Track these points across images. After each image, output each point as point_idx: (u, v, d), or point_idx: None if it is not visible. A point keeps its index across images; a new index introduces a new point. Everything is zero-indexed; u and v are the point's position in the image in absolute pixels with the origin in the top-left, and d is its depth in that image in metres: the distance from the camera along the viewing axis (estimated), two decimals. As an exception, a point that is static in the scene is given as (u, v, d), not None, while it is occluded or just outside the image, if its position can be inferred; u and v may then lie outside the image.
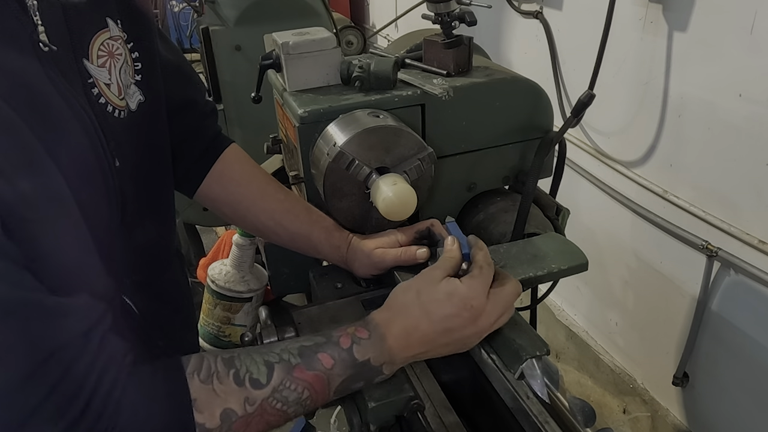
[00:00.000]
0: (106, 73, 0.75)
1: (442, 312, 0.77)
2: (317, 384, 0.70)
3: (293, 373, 0.69)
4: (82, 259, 0.66)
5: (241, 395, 0.66)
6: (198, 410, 0.63)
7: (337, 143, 0.99)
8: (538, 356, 0.83)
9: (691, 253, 1.76)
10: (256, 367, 0.68)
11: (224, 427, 0.65)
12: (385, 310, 0.79)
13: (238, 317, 1.37)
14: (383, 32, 3.64)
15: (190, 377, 0.64)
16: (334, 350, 0.72)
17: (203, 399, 0.64)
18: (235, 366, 0.67)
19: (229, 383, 0.66)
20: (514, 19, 2.37)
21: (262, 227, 1.07)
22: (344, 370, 0.72)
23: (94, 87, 0.73)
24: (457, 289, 0.78)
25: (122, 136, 0.77)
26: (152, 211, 0.87)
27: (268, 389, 0.67)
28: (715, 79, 1.58)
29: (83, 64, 0.71)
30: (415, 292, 0.79)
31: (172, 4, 3.11)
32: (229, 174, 1.06)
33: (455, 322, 0.77)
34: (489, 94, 1.14)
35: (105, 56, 0.75)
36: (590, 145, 2.11)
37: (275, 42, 1.13)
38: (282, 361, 0.69)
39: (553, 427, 0.79)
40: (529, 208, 1.14)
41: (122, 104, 0.77)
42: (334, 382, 0.71)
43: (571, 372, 2.47)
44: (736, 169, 1.58)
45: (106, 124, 0.73)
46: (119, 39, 0.78)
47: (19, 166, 0.56)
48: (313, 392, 0.70)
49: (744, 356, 1.69)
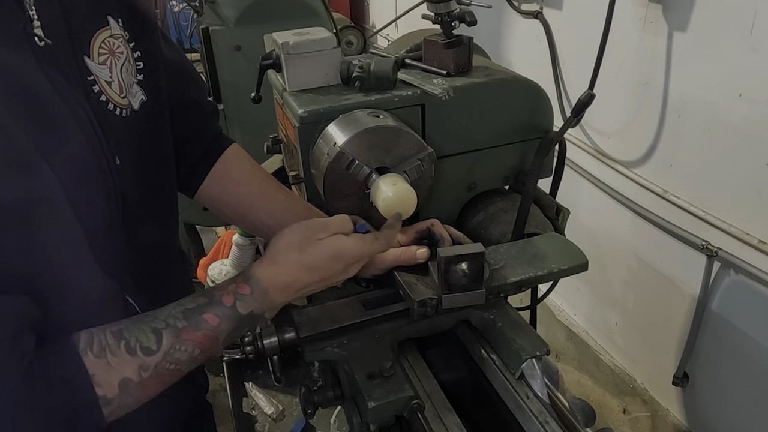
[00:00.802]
0: (107, 70, 0.74)
1: (325, 270, 0.82)
2: (205, 341, 0.73)
3: (181, 336, 0.72)
4: (73, 261, 0.66)
5: (135, 363, 0.68)
6: (97, 384, 0.65)
7: (337, 143, 0.99)
8: (538, 356, 0.83)
9: (691, 253, 1.76)
10: (144, 335, 0.70)
11: (123, 395, 0.68)
12: (268, 264, 0.81)
13: (238, 317, 1.36)
14: (383, 32, 3.64)
15: (84, 354, 0.66)
16: (218, 309, 0.75)
17: (100, 373, 0.66)
18: (125, 337, 0.69)
19: (121, 354, 0.68)
20: (514, 19, 2.37)
21: (262, 227, 1.07)
22: (229, 325, 0.75)
23: (95, 84, 0.72)
24: (343, 249, 0.82)
25: (123, 134, 0.76)
26: (155, 211, 0.87)
27: (160, 354, 0.70)
28: (715, 79, 1.58)
29: (84, 61, 0.71)
30: (298, 248, 0.81)
31: (172, 4, 3.11)
32: (229, 174, 1.06)
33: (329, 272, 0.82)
34: (489, 94, 1.14)
35: (106, 54, 0.74)
36: (590, 145, 2.11)
37: (275, 42, 1.13)
38: (168, 326, 0.71)
39: (553, 427, 0.79)
40: (529, 208, 1.14)
41: (124, 102, 0.77)
42: (221, 336, 0.75)
43: (571, 372, 2.47)
44: (736, 169, 1.58)
45: (105, 122, 0.73)
46: (120, 38, 0.78)
47: (7, 168, 0.56)
48: (203, 348, 0.74)
49: (744, 356, 1.69)
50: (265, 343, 0.88)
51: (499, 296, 0.96)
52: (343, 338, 0.90)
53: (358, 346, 0.89)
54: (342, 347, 0.89)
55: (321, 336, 0.90)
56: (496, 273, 0.96)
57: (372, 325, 0.93)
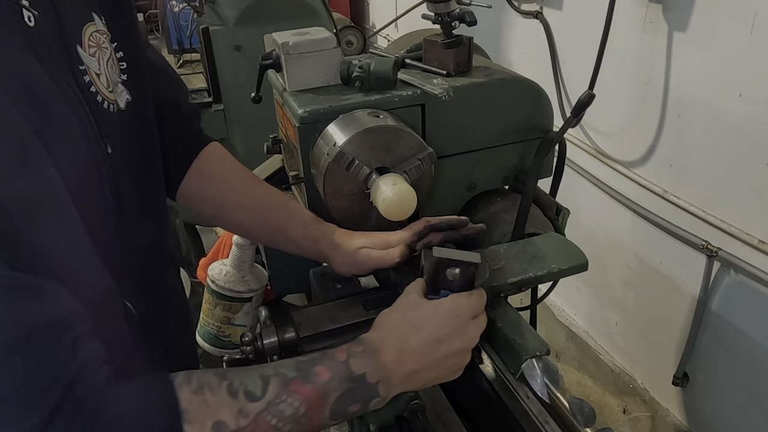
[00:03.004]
0: (97, 63, 0.73)
1: (431, 323, 0.77)
2: (314, 398, 0.68)
3: (290, 386, 0.67)
4: (81, 259, 0.65)
5: (234, 407, 0.63)
6: (188, 421, 0.60)
7: (337, 143, 0.99)
8: (538, 356, 0.83)
9: (691, 253, 1.76)
10: (250, 379, 0.65)
11: None
12: (375, 330, 0.79)
13: (238, 317, 1.36)
14: (383, 32, 3.64)
15: (180, 387, 0.62)
16: (331, 363, 0.71)
17: (194, 410, 0.61)
18: (228, 378, 0.65)
19: (221, 394, 0.63)
20: (514, 19, 2.37)
21: (240, 224, 1.06)
22: (341, 384, 0.70)
23: (86, 74, 0.70)
24: (442, 302, 0.79)
25: (112, 127, 0.75)
26: (147, 210, 0.86)
27: (263, 402, 0.65)
28: (715, 79, 1.58)
29: (76, 50, 0.69)
30: (399, 311, 0.79)
31: (172, 4, 3.11)
32: (208, 172, 1.04)
33: (444, 331, 0.76)
34: (489, 94, 1.14)
35: (95, 47, 0.73)
36: (590, 145, 2.11)
37: (275, 42, 1.13)
38: (278, 374, 0.67)
39: (553, 427, 0.79)
40: (529, 208, 1.14)
41: (112, 98, 0.76)
42: (330, 397, 0.69)
43: (571, 372, 2.47)
44: (736, 169, 1.58)
45: (97, 111, 0.71)
46: (105, 35, 0.77)
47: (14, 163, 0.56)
48: (309, 408, 0.67)
49: (744, 356, 1.69)
50: (265, 343, 0.88)
51: (499, 296, 0.96)
52: (343, 338, 0.90)
53: (358, 346, 0.89)
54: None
55: (321, 336, 0.90)
56: (496, 273, 0.96)
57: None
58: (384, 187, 0.95)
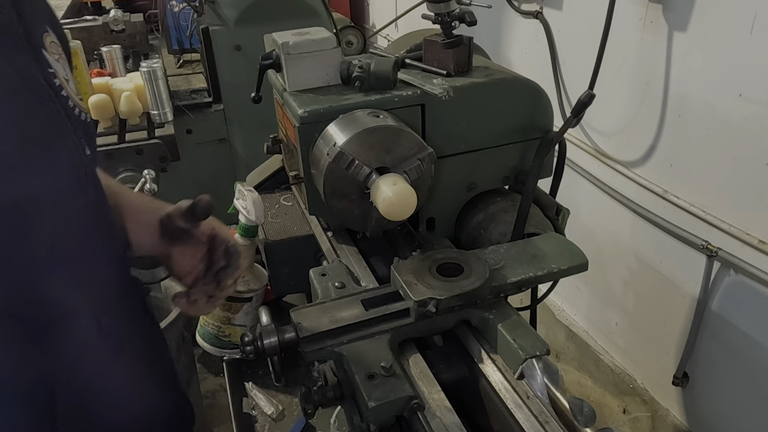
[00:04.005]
0: (63, 69, 0.72)
1: None
2: None
3: None
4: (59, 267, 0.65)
5: None
6: None
7: (337, 143, 0.99)
8: (538, 356, 0.83)
9: (691, 253, 1.76)
10: None
11: None
12: None
13: (238, 317, 1.36)
14: (383, 32, 3.64)
15: None
16: None
17: None
18: None
19: None
20: (514, 19, 2.37)
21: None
22: None
23: (56, 78, 0.69)
24: None
25: (87, 133, 0.73)
26: (114, 226, 0.84)
27: None
28: (715, 79, 1.58)
29: (42, 53, 0.68)
30: None
31: (172, 4, 3.11)
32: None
33: None
34: (489, 94, 1.14)
35: (56, 55, 0.72)
36: (590, 145, 2.11)
37: (275, 42, 1.13)
38: None
39: (553, 427, 0.79)
40: (529, 208, 1.14)
41: (82, 105, 0.74)
42: None
43: (571, 372, 2.47)
44: (736, 169, 1.58)
45: (71, 115, 0.70)
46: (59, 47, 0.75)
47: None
48: None
49: (744, 356, 1.69)
50: (265, 343, 0.88)
51: (499, 296, 0.96)
52: (343, 338, 0.90)
53: (358, 346, 0.89)
54: (342, 347, 0.89)
55: (321, 336, 0.90)
56: (496, 273, 0.96)
57: (372, 325, 0.93)
58: (384, 187, 0.95)
